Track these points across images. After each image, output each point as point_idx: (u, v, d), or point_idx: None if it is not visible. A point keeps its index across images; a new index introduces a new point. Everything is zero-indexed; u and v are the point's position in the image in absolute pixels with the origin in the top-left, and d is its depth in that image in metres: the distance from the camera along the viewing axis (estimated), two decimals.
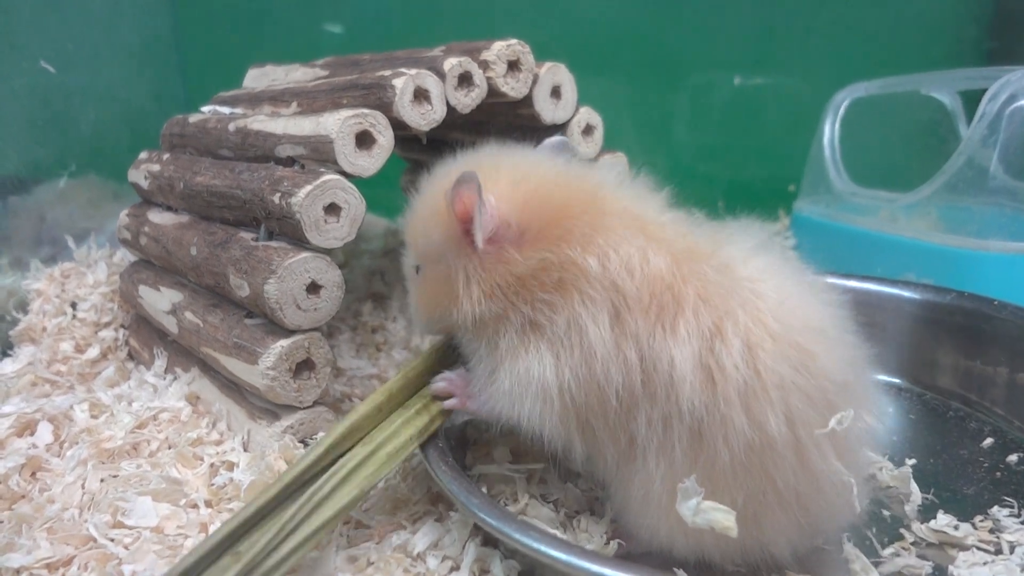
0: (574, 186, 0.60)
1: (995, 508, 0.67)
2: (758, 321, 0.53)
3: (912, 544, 0.64)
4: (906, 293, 0.92)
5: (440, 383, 0.66)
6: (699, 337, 0.53)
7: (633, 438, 0.55)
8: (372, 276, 1.25)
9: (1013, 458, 0.75)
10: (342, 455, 0.62)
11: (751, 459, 0.52)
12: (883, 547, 0.63)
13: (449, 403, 0.65)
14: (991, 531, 0.65)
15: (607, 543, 0.61)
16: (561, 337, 0.55)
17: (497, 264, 0.58)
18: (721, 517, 0.51)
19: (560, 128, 0.91)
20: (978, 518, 0.66)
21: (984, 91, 1.11)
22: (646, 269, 0.54)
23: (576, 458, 0.58)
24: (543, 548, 0.51)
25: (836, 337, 0.55)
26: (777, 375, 0.52)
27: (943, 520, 0.65)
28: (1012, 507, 0.67)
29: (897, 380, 0.91)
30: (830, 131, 1.45)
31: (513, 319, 0.58)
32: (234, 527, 0.56)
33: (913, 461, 0.74)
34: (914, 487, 0.69)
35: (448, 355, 0.70)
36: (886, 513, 0.68)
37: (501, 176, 0.60)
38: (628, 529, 0.60)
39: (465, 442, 0.77)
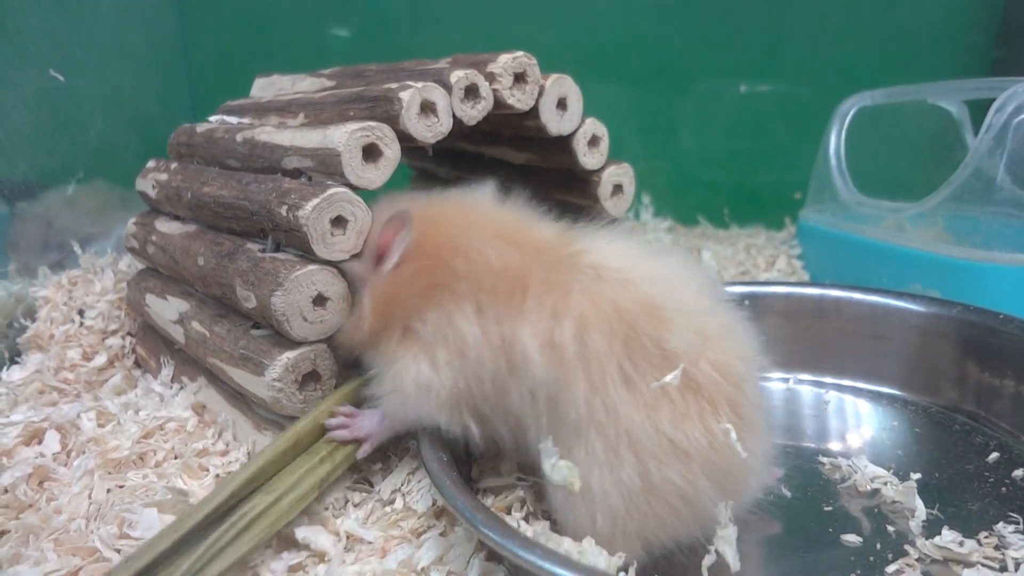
0: (457, 208, 0.73)
1: (1000, 524, 0.67)
2: (594, 302, 0.60)
3: (917, 560, 0.63)
4: (911, 306, 0.92)
5: (333, 420, 0.72)
6: (541, 318, 0.61)
7: (518, 417, 0.63)
8: None
9: (1019, 473, 0.75)
10: (244, 499, 0.64)
11: (597, 415, 0.59)
12: (888, 563, 0.63)
13: (338, 435, 0.71)
14: (996, 547, 0.64)
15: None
16: (433, 336, 0.65)
17: (388, 281, 0.69)
18: (568, 473, 0.59)
19: (566, 139, 0.91)
20: (983, 534, 0.66)
21: (991, 101, 1.11)
22: (501, 264, 0.64)
23: (477, 443, 0.66)
24: (546, 565, 0.51)
25: (676, 310, 0.61)
26: (607, 347, 0.59)
27: (948, 536, 0.65)
28: (1018, 523, 0.67)
29: (902, 393, 0.91)
30: (836, 140, 1.45)
31: (394, 330, 0.68)
32: (136, 571, 0.57)
33: (918, 475, 0.74)
34: (919, 503, 0.69)
35: (358, 397, 0.75)
36: (891, 529, 0.68)
37: (420, 215, 0.70)
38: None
39: (471, 455, 0.77)
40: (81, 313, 1.09)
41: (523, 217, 0.72)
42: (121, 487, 0.75)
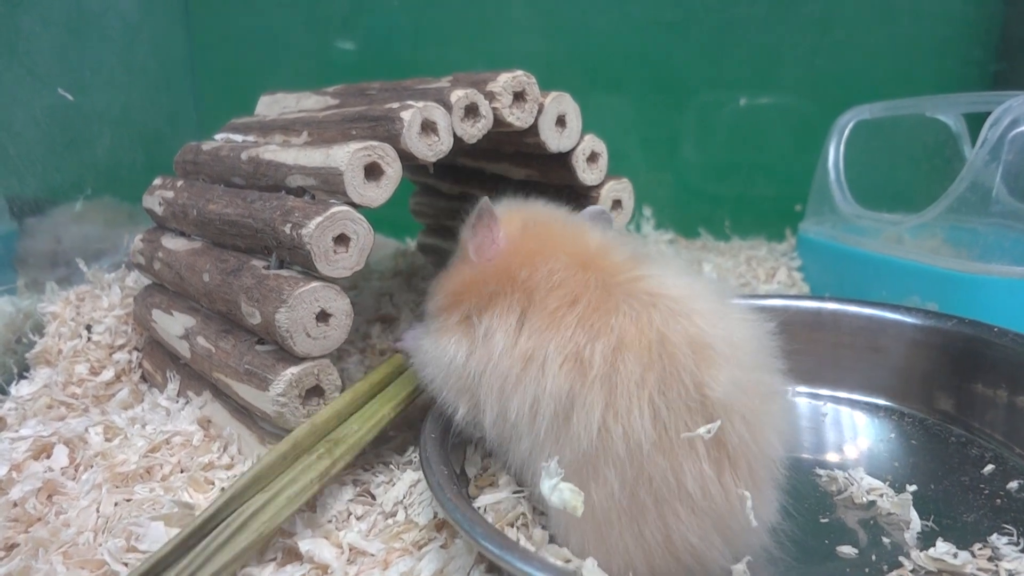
0: (550, 226, 0.73)
1: (994, 536, 0.68)
2: (640, 329, 0.59)
3: (911, 572, 0.64)
4: (907, 319, 0.93)
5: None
6: (575, 334, 0.60)
7: (513, 426, 0.63)
8: (381, 298, 1.26)
9: (1014, 485, 0.75)
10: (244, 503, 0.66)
11: (616, 447, 0.56)
12: (883, 575, 0.64)
13: (398, 344, 0.85)
14: (990, 559, 0.65)
15: None
16: (480, 337, 0.67)
17: (472, 272, 0.71)
18: (571, 497, 0.56)
19: (565, 155, 0.93)
20: (977, 546, 0.67)
21: (988, 114, 1.12)
22: (560, 279, 0.64)
23: (460, 422, 0.70)
24: None
25: (726, 356, 0.59)
26: (640, 377, 0.57)
27: (942, 548, 0.66)
28: (1011, 535, 0.68)
29: (899, 405, 0.92)
30: (835, 153, 1.46)
31: (456, 312, 0.71)
32: None
33: (914, 487, 0.75)
34: (914, 514, 0.70)
35: (359, 403, 0.78)
36: (886, 540, 0.69)
37: (516, 218, 0.74)
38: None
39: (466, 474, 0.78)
40: (88, 328, 1.11)
41: (606, 241, 0.71)
42: (128, 500, 0.76)
